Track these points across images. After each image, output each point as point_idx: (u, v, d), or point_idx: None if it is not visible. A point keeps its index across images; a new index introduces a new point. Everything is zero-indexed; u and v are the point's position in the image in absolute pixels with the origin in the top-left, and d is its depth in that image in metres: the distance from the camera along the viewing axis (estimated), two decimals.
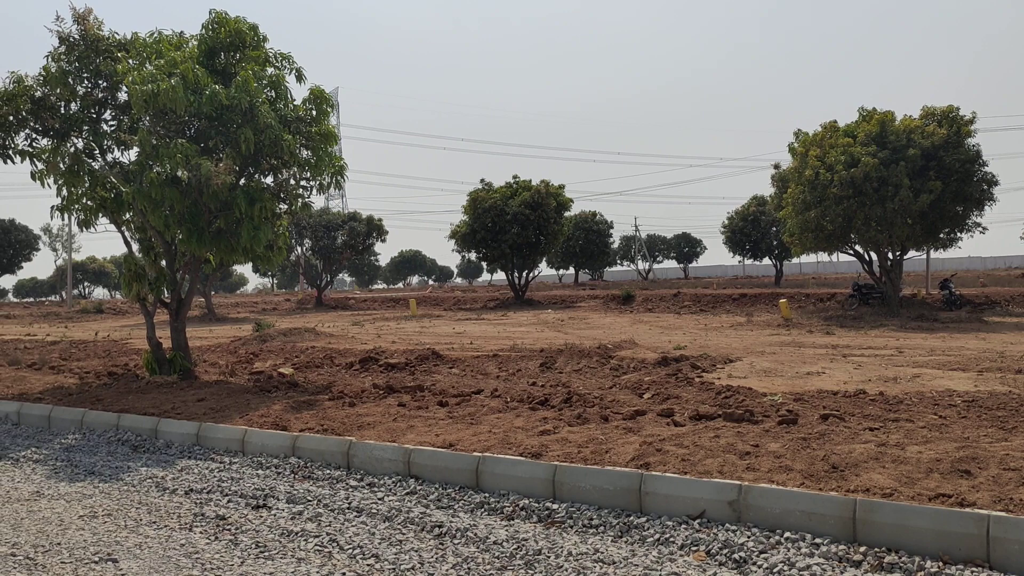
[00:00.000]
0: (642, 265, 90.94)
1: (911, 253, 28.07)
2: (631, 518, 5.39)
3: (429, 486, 6.39)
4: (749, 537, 4.89)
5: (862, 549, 4.63)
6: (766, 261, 58.05)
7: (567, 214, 42.03)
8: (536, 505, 5.75)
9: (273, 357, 15.16)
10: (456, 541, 5.18)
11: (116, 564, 4.91)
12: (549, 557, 4.82)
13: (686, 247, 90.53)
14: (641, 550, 4.90)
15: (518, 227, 38.34)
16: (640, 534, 5.14)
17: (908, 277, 30.64)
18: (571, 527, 5.36)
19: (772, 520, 5.04)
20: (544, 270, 61.40)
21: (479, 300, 43.97)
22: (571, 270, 78.74)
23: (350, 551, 5.07)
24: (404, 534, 5.37)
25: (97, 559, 5.01)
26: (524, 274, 42.21)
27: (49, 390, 11.41)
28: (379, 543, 5.19)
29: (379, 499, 6.18)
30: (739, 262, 64.39)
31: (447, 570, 4.69)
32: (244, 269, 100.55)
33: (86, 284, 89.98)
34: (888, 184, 23.75)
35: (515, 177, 41.31)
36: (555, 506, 5.70)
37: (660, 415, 7.69)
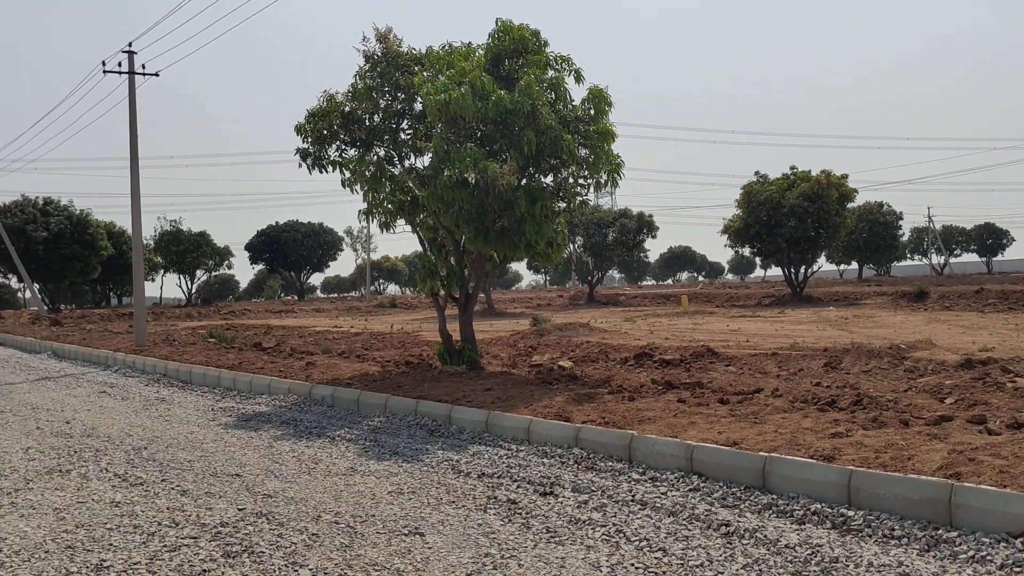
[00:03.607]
0: (936, 259, 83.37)
1: None
2: (939, 531, 4.98)
3: (713, 484, 6.31)
4: None
5: None
6: None
7: (850, 205, 39.46)
8: (829, 511, 5.48)
9: (550, 351, 15.68)
10: (745, 541, 5.06)
11: (423, 538, 5.34)
12: (848, 566, 4.57)
13: (989, 239, 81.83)
14: (952, 567, 4.51)
15: (795, 220, 36.59)
16: (951, 549, 4.73)
17: None
18: (870, 536, 5.05)
19: None
20: (824, 265, 58.25)
21: (753, 297, 42.52)
22: (854, 265, 73.99)
23: (636, 543, 5.13)
24: (690, 530, 5.34)
25: (406, 532, 5.48)
26: (802, 270, 40.25)
27: (356, 376, 12.61)
28: (665, 537, 5.21)
29: (662, 494, 6.20)
30: None
31: (737, 570, 4.61)
32: (519, 266, 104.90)
33: (381, 281, 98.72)
34: None
35: (792, 168, 39.49)
36: (850, 513, 5.39)
37: (970, 422, 7.01)
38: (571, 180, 12.42)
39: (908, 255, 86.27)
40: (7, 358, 21.64)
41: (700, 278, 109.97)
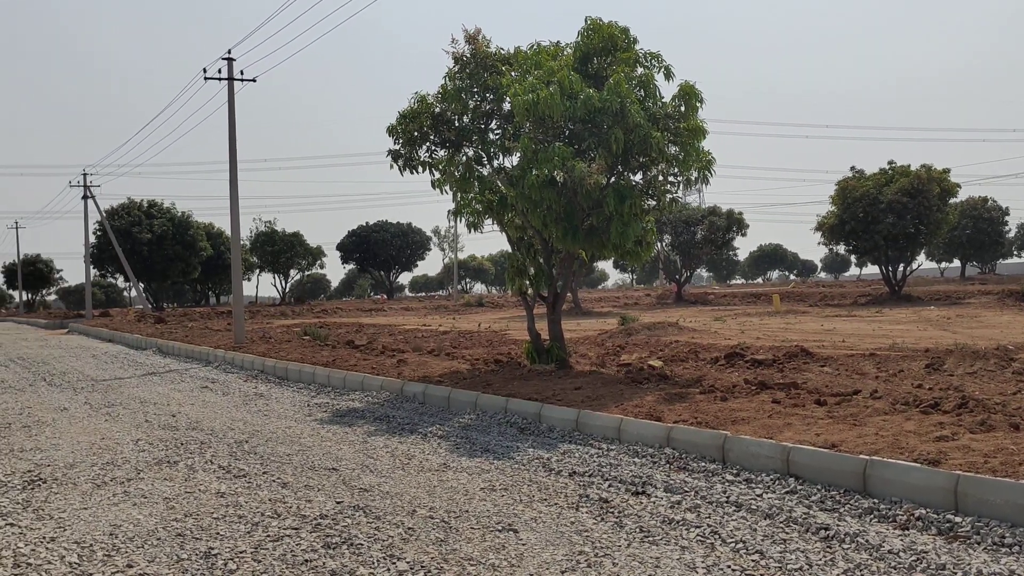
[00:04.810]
0: None
1: None
2: None
3: (810, 486, 6.17)
4: None
5: None
6: None
7: (952, 201, 37.93)
8: (935, 516, 5.29)
9: (639, 350, 15.55)
10: (845, 546, 4.94)
11: (516, 535, 5.38)
12: (955, 574, 4.41)
13: None
14: None
15: (893, 217, 35.35)
16: None
17: None
18: (978, 544, 4.86)
19: None
20: (923, 263, 56.18)
21: (848, 296, 41.27)
22: (956, 263, 71.10)
23: (732, 544, 5.06)
24: (787, 533, 5.24)
25: (500, 528, 5.53)
26: (900, 268, 38.89)
27: (446, 374, 12.78)
28: (761, 540, 5.12)
29: (757, 495, 6.09)
30: None
31: (837, 575, 4.50)
32: (605, 265, 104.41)
33: (467, 280, 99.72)
34: None
35: (890, 163, 38.22)
36: (957, 519, 5.20)
37: None
38: (660, 178, 12.30)
39: (1015, 252, 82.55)
40: (116, 354, 22.71)
41: (792, 276, 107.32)
